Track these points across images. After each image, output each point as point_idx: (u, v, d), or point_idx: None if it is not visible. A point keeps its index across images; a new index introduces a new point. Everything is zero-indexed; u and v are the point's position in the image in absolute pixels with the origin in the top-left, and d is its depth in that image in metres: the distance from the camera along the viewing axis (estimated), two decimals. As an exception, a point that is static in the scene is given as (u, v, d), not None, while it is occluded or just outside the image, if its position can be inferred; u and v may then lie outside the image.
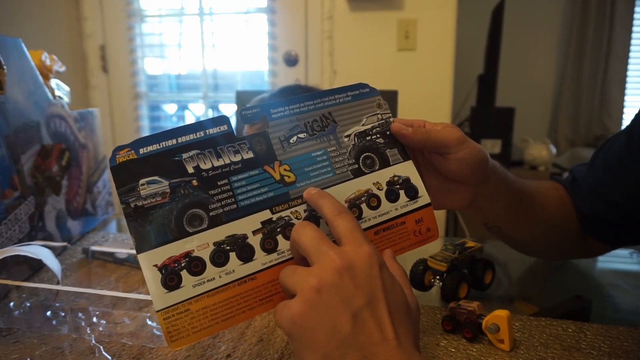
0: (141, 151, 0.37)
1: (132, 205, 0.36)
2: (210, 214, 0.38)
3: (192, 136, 0.38)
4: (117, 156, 0.37)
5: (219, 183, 0.38)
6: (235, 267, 0.37)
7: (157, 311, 0.35)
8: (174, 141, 0.38)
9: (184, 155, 0.38)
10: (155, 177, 0.37)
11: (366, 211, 0.42)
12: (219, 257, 0.37)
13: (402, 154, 0.45)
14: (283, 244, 0.39)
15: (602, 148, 0.60)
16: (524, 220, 0.57)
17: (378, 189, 0.43)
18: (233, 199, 0.38)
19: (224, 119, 0.40)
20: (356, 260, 0.33)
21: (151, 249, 0.36)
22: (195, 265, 0.37)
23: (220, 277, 0.37)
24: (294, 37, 2.01)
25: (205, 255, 0.37)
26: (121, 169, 0.37)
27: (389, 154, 0.45)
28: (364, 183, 0.43)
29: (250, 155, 0.40)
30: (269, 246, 0.39)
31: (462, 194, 0.49)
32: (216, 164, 0.39)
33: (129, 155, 0.37)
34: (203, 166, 0.38)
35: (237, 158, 0.39)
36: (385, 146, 0.45)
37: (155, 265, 0.36)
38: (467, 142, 0.45)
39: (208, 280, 0.37)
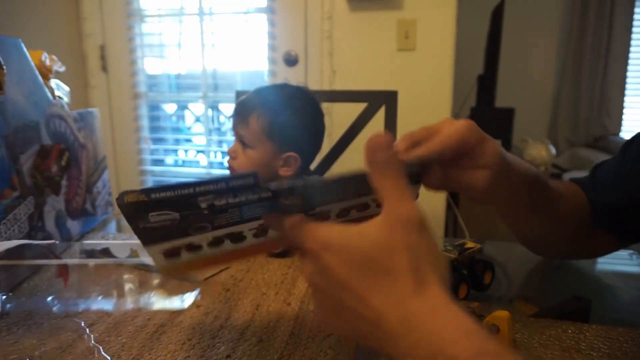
0: (153, 196, 0.35)
1: (141, 226, 0.36)
2: (215, 223, 0.38)
3: (211, 187, 0.36)
4: (125, 197, 0.34)
5: (229, 210, 0.37)
6: (227, 245, 0.41)
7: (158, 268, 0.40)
8: (191, 190, 0.35)
9: (200, 199, 0.36)
10: (166, 211, 0.36)
11: (353, 213, 0.42)
12: (215, 244, 0.40)
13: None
14: (273, 232, 0.41)
15: (632, 142, 0.58)
16: (537, 211, 0.53)
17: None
18: (238, 215, 0.38)
19: (253, 176, 0.36)
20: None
21: (157, 245, 0.38)
22: (195, 248, 0.40)
23: (213, 251, 0.41)
24: (293, 37, 2.01)
25: (204, 243, 0.40)
26: (130, 207, 0.35)
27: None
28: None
29: (269, 194, 0.38)
30: (260, 234, 0.41)
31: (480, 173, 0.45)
32: (232, 201, 0.37)
33: (139, 197, 0.35)
34: (217, 203, 0.37)
35: (255, 197, 0.37)
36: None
37: (160, 252, 0.39)
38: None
39: (203, 253, 0.41)
